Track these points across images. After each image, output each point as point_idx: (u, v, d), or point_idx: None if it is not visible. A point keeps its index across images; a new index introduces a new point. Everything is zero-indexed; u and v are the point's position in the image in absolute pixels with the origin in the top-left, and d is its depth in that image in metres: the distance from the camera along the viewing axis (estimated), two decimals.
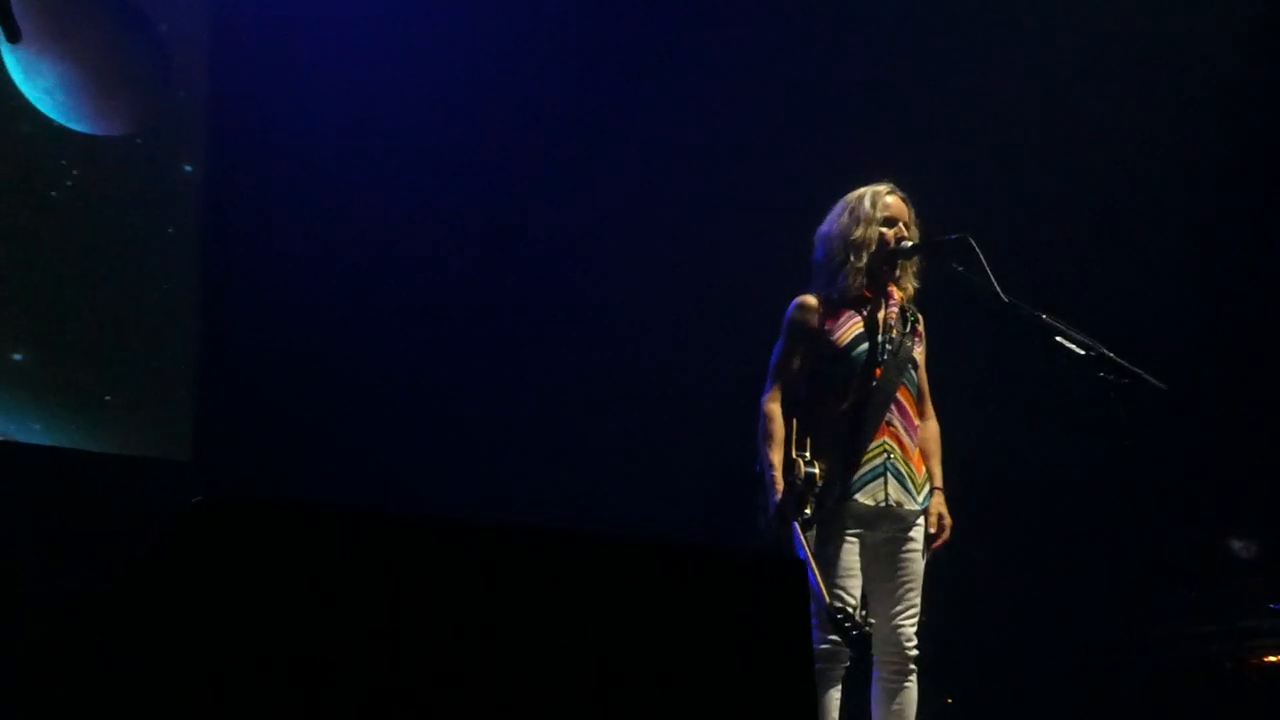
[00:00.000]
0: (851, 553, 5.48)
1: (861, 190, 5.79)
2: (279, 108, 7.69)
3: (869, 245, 5.65)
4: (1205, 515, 8.18)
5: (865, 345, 5.62)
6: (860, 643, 5.03)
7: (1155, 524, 6.21)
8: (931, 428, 5.84)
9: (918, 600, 5.60)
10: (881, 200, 5.72)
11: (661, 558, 2.84)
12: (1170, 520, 7.87)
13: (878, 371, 5.59)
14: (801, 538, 5.29)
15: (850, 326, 5.65)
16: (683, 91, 8.18)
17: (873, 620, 5.19)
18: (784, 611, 2.97)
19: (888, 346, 5.62)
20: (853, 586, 5.46)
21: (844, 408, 5.57)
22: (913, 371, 5.72)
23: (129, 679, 2.31)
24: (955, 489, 5.78)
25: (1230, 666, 7.43)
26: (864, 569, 5.53)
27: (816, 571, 5.20)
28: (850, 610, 5.09)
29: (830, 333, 5.64)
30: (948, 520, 5.69)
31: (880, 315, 5.69)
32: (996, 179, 8.15)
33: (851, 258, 5.65)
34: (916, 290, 5.81)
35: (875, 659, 5.53)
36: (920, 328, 5.81)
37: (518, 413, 7.98)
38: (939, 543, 5.67)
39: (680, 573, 2.84)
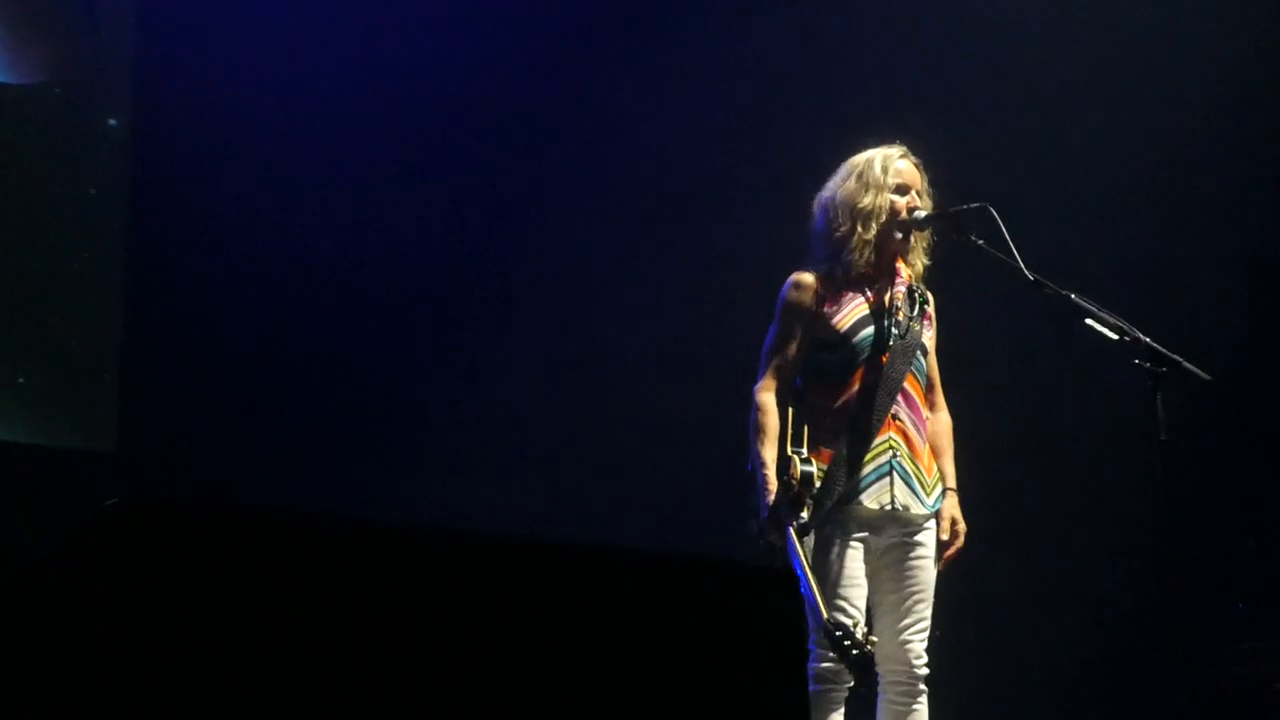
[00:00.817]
0: (855, 559, 5.43)
1: (870, 153, 5.73)
2: (216, 54, 7.55)
3: (879, 215, 5.58)
4: (1254, 520, 8.14)
5: (869, 330, 5.56)
6: (861, 664, 4.94)
7: (1198, 530, 6.18)
8: (943, 420, 5.79)
9: (928, 613, 5.55)
10: (894, 165, 5.66)
11: (644, 568, 2.90)
12: (1215, 526, 7.89)
13: (883, 359, 5.53)
14: (796, 545, 5.22)
15: (853, 308, 5.58)
16: (651, 61, 8.18)
17: (875, 638, 5.09)
18: (774, 629, 3.01)
19: (894, 331, 5.56)
20: (856, 597, 5.41)
21: (845, 399, 5.52)
22: (921, 359, 5.65)
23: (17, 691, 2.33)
24: (970, 490, 5.73)
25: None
26: (869, 577, 5.48)
27: (813, 583, 5.12)
28: (850, 627, 5.01)
29: (830, 315, 5.57)
30: (961, 525, 5.62)
31: (887, 295, 5.63)
32: (1020, 141, 8.10)
33: (859, 228, 5.57)
34: (927, 268, 5.76)
35: (881, 678, 5.48)
36: (930, 309, 5.75)
37: (468, 401, 7.92)
38: (951, 551, 5.60)
39: (663, 585, 2.89)
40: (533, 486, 7.70)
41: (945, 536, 5.58)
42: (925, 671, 5.51)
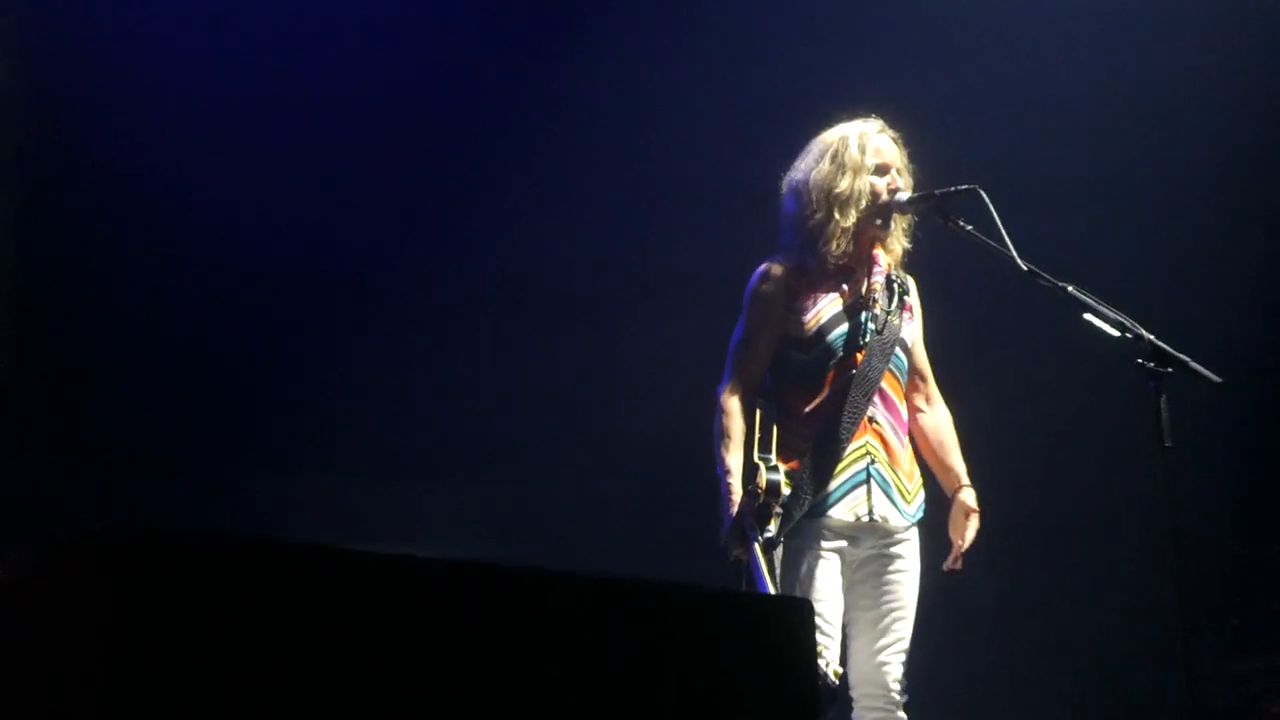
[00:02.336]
0: (829, 572, 5.42)
1: (844, 129, 5.70)
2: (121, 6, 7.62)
3: (858, 200, 5.56)
4: (1256, 529, 8.26)
5: (844, 326, 5.55)
6: (822, 696, 4.84)
7: (1196, 539, 6.23)
8: (941, 414, 5.82)
9: (908, 633, 5.55)
10: (871, 142, 5.64)
11: (653, 598, 3.01)
12: (1214, 535, 7.96)
13: (858, 357, 5.52)
14: (760, 562, 5.18)
15: (827, 304, 5.57)
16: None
17: (839, 669, 5.07)
18: (785, 656, 3.13)
19: (870, 326, 5.55)
20: (831, 613, 5.40)
21: (817, 402, 5.51)
22: (902, 355, 5.65)
23: None
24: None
25: (1278, 712, 7.50)
26: (844, 593, 5.47)
27: None
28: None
29: (802, 311, 5.56)
30: (976, 518, 5.62)
31: (863, 287, 5.61)
32: (1014, 116, 8.13)
33: (836, 215, 5.55)
34: (906, 251, 5.74)
35: (855, 701, 5.51)
36: (911, 299, 5.74)
37: (381, 386, 8.06)
38: (965, 544, 5.58)
39: (673, 615, 3.01)
40: (460, 490, 7.91)
41: (961, 518, 5.59)
42: (903, 698, 5.52)
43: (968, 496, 5.67)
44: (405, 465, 7.94)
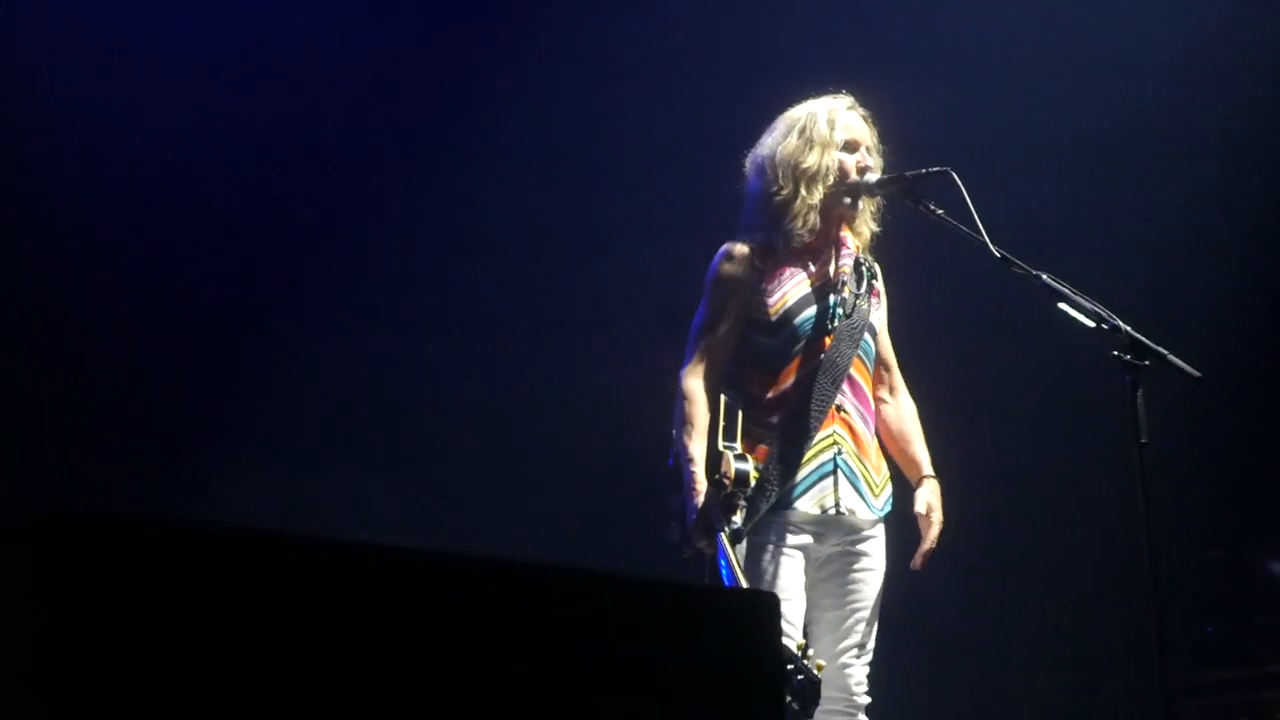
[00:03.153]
0: (792, 569, 5.44)
1: (812, 105, 5.72)
2: None
3: (825, 177, 5.57)
4: (1234, 532, 8.35)
5: (812, 309, 5.56)
6: (807, 692, 4.92)
7: (1172, 541, 6.32)
8: (905, 405, 5.86)
9: (872, 634, 5.59)
10: (840, 118, 5.65)
11: (614, 591, 3.02)
12: (1190, 537, 8.05)
13: (826, 342, 5.54)
14: (729, 554, 5.15)
15: (793, 286, 5.58)
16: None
17: (822, 662, 5.07)
18: (752, 651, 3.15)
19: (839, 310, 5.58)
20: (793, 613, 5.41)
21: (783, 388, 5.54)
22: (870, 341, 5.67)
23: None
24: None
25: None
26: (807, 590, 5.50)
27: None
28: (793, 650, 4.96)
29: (767, 293, 5.57)
30: (938, 514, 5.65)
31: (831, 269, 5.64)
32: (991, 96, 8.17)
33: (802, 192, 5.56)
34: (875, 235, 5.77)
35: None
36: (879, 284, 5.76)
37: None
38: (927, 545, 5.62)
39: (635, 607, 3.02)
40: (410, 484, 7.95)
41: (922, 510, 5.62)
42: (866, 700, 5.56)
43: (930, 489, 5.70)
44: (356, 458, 7.97)
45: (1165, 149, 8.26)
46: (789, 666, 4.90)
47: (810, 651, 5.03)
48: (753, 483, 5.36)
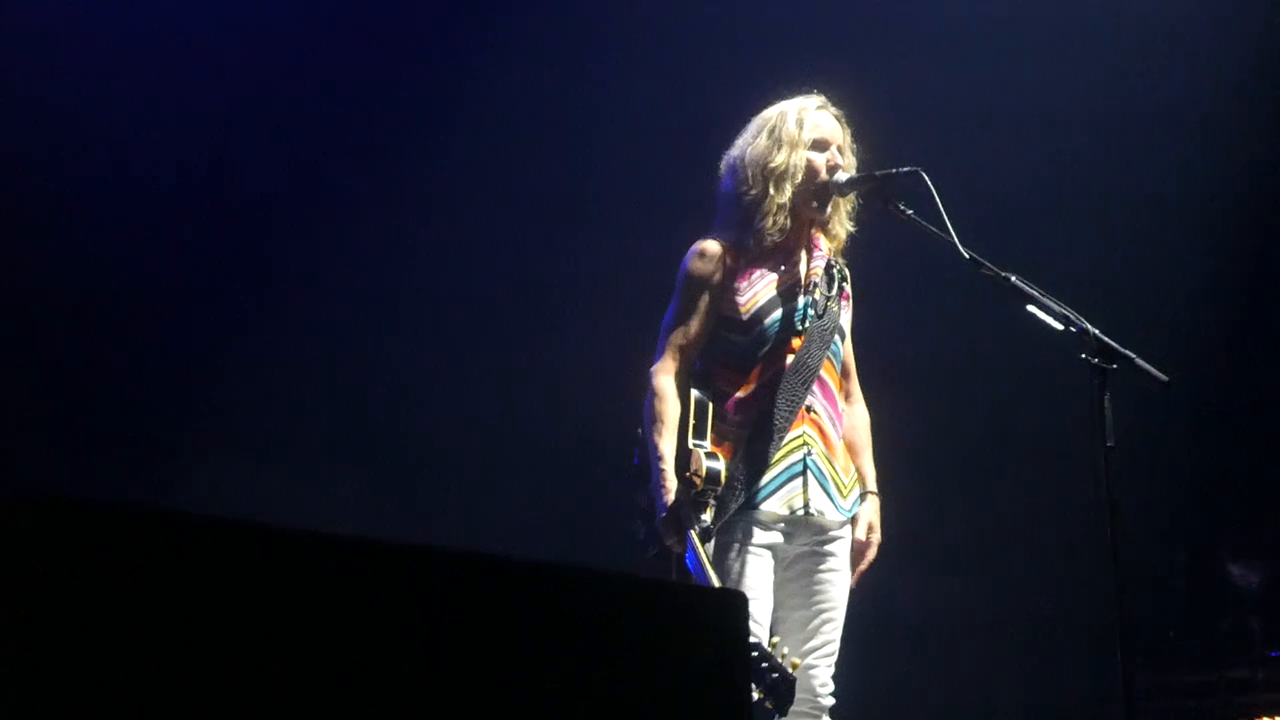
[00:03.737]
0: (760, 569, 5.52)
1: (783, 105, 5.83)
2: None
3: (793, 176, 5.67)
4: (1198, 534, 8.48)
5: (783, 309, 5.66)
6: (781, 689, 5.01)
7: (1135, 543, 6.46)
8: (859, 414, 5.95)
9: (837, 635, 5.68)
10: (810, 117, 5.76)
11: (586, 585, 3.07)
12: (1154, 539, 8.14)
13: (796, 343, 5.65)
14: (699, 553, 5.27)
15: (764, 285, 5.69)
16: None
17: (797, 660, 5.21)
18: (720, 649, 3.21)
19: (810, 311, 5.69)
20: (761, 612, 5.50)
21: (753, 388, 5.63)
22: (839, 343, 5.79)
23: None
24: (884, 498, 5.90)
25: None
26: (773, 591, 5.59)
27: None
28: (767, 648, 5.07)
29: (739, 291, 5.67)
30: (877, 535, 5.74)
31: (802, 270, 5.75)
32: (967, 97, 8.29)
33: (771, 191, 5.66)
34: (850, 235, 5.86)
35: None
36: (849, 287, 5.85)
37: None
38: (865, 564, 5.72)
39: (600, 602, 3.07)
40: (366, 477, 8.03)
41: (861, 538, 5.70)
42: (830, 701, 5.64)
43: (871, 507, 5.78)
44: (323, 451, 8.06)
45: (1129, 146, 8.39)
46: (764, 664, 5.00)
47: (785, 650, 5.14)
48: (724, 481, 5.44)
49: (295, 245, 8.18)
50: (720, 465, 5.47)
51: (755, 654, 5.05)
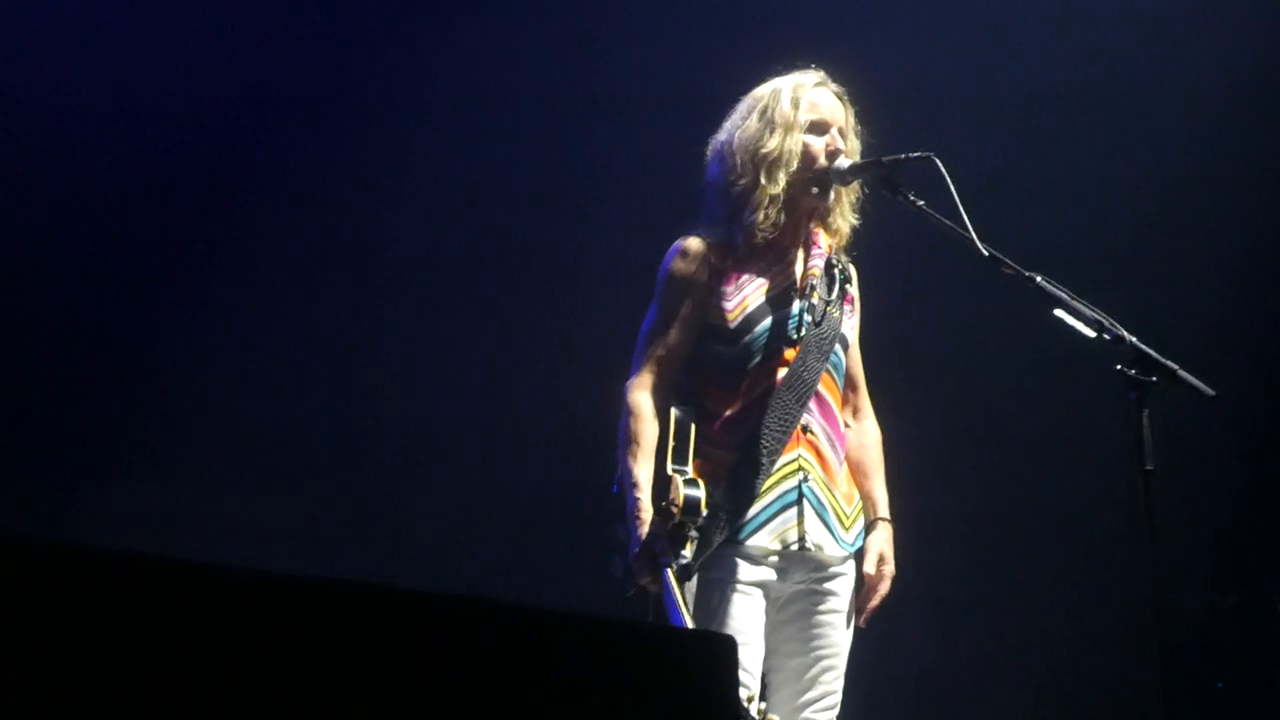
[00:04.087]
0: (748, 611, 5.26)
1: (778, 82, 5.56)
2: None
3: (788, 162, 5.40)
4: (1250, 574, 8.24)
5: (775, 316, 5.39)
6: None
7: (1178, 582, 6.15)
8: (869, 431, 5.69)
9: (839, 685, 5.43)
10: (807, 97, 5.49)
11: (558, 630, 3.03)
12: (1200, 578, 8.00)
13: (791, 354, 5.37)
14: (675, 592, 5.03)
15: (755, 289, 5.43)
16: None
17: (774, 717, 5.01)
18: (705, 698, 3.19)
19: (807, 318, 5.41)
20: (751, 659, 5.25)
21: (742, 405, 5.36)
22: (840, 353, 5.51)
23: None
24: (898, 526, 5.65)
25: None
26: (766, 635, 5.32)
27: None
28: (743, 704, 4.85)
29: (726, 296, 5.41)
30: (890, 567, 5.51)
31: (798, 270, 5.48)
32: (982, 76, 8.16)
33: (763, 180, 5.39)
34: (854, 229, 5.60)
35: None
36: (853, 289, 5.63)
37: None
38: (876, 601, 5.49)
39: (581, 648, 3.05)
40: (301, 501, 7.91)
41: (871, 571, 5.47)
42: None
43: (883, 535, 5.55)
44: (240, 474, 7.95)
45: (1163, 143, 8.25)
46: None
47: (762, 705, 4.96)
48: (704, 511, 5.19)
49: (220, 253, 8.11)
50: (700, 493, 5.22)
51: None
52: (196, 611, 2.59)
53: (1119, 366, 4.88)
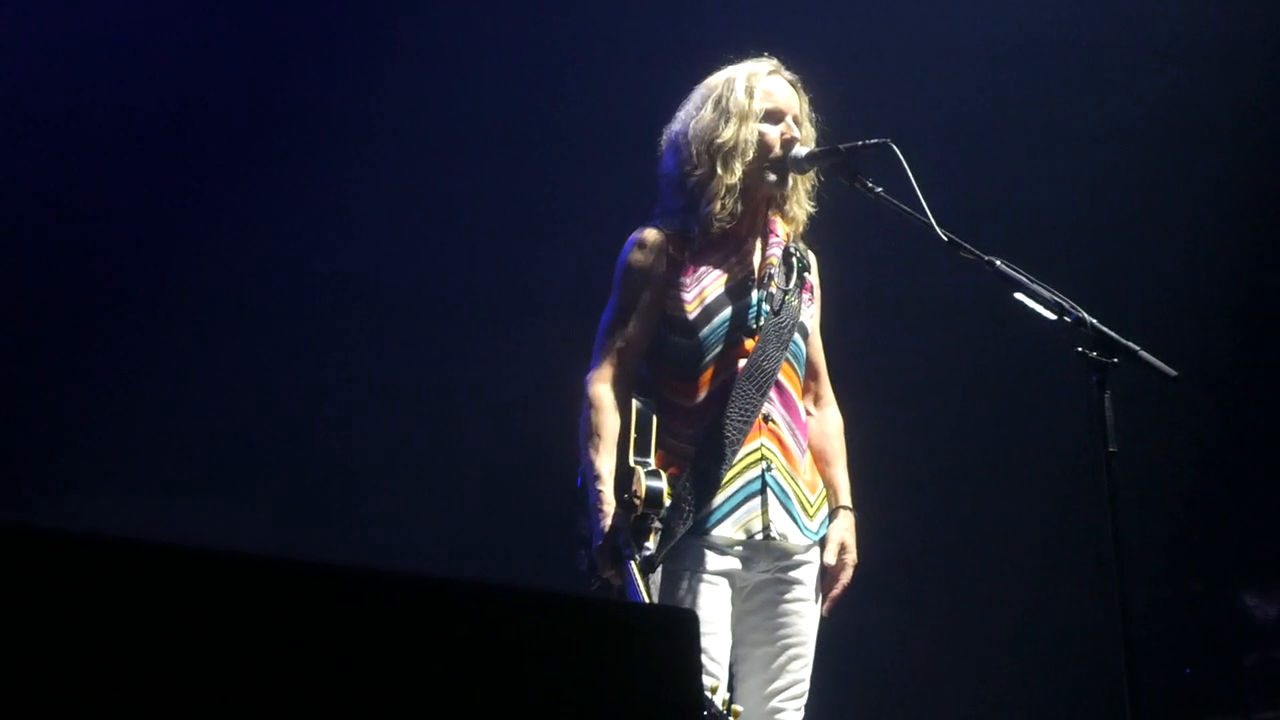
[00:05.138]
0: (715, 601, 5.27)
1: (730, 71, 5.58)
2: None
3: (743, 152, 5.42)
4: (1215, 560, 8.28)
5: (734, 307, 5.42)
6: None
7: (1143, 570, 6.24)
8: (831, 419, 5.70)
9: (807, 674, 5.44)
10: (761, 85, 5.51)
11: (532, 606, 3.03)
12: (1165, 566, 8.03)
13: (749, 343, 5.38)
14: (639, 584, 5.05)
15: (713, 280, 5.45)
16: None
17: (739, 708, 4.97)
18: (667, 674, 3.17)
19: (765, 307, 5.44)
20: (717, 648, 5.26)
21: (702, 396, 5.37)
22: (800, 342, 5.53)
23: None
24: (862, 517, 5.67)
25: None
26: (733, 624, 5.33)
27: None
28: (707, 694, 4.84)
29: (684, 287, 5.43)
30: (851, 555, 5.50)
31: (756, 260, 5.50)
32: (947, 60, 8.23)
33: (719, 170, 5.41)
34: (811, 216, 5.61)
35: None
36: (812, 276, 5.64)
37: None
38: (838, 590, 5.48)
39: (550, 624, 3.04)
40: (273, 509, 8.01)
41: (831, 561, 5.46)
42: None
43: (844, 524, 5.54)
44: (214, 482, 7.97)
45: (1126, 119, 8.37)
46: (702, 714, 4.76)
47: (726, 696, 4.94)
48: (666, 502, 5.21)
49: (190, 251, 8.14)
50: (662, 484, 5.24)
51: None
52: (176, 594, 2.58)
53: (1080, 349, 4.88)
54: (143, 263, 8.09)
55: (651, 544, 5.14)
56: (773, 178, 5.46)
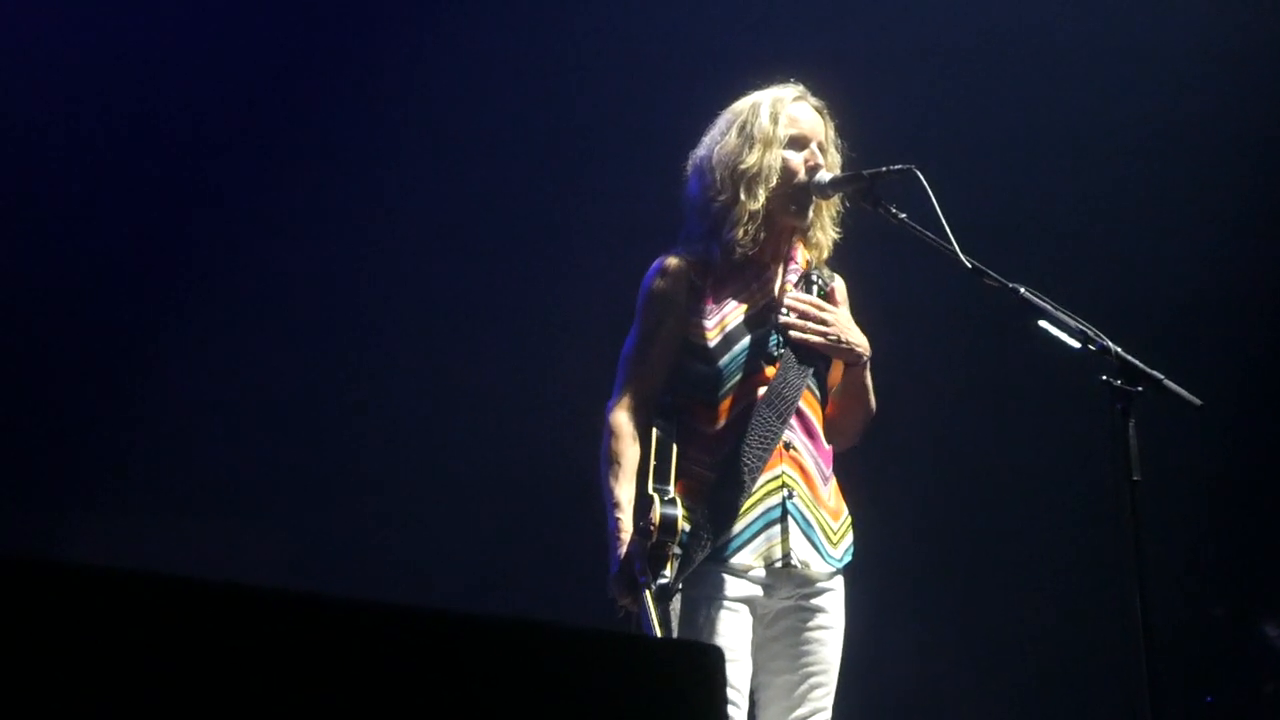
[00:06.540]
0: (735, 628, 5.27)
1: (756, 97, 5.61)
2: None
3: (767, 178, 5.44)
4: (1235, 586, 8.33)
5: (750, 336, 5.44)
6: None
7: (1165, 598, 6.28)
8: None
9: (829, 702, 5.44)
10: (786, 111, 5.53)
11: (540, 641, 2.99)
12: (1186, 591, 8.04)
13: (770, 370, 5.40)
14: (651, 612, 5.07)
15: (734, 307, 5.47)
16: None
17: None
18: (694, 709, 3.12)
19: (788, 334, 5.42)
20: (738, 676, 5.26)
21: (724, 423, 5.39)
22: (822, 369, 5.53)
23: None
24: (884, 538, 5.80)
25: None
26: (754, 651, 5.34)
27: None
28: None
29: (706, 314, 5.45)
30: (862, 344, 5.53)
31: (778, 286, 5.52)
32: (971, 86, 8.25)
33: (743, 196, 5.43)
34: (836, 242, 5.64)
35: None
36: (839, 300, 5.63)
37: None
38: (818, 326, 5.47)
39: (577, 659, 3.02)
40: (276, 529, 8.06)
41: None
42: None
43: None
44: (220, 502, 8.00)
45: (1147, 143, 8.37)
46: None
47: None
48: (682, 529, 5.20)
49: (201, 272, 8.25)
50: (677, 511, 5.22)
51: None
52: (191, 630, 2.59)
53: (1104, 377, 4.91)
54: (149, 275, 8.14)
55: (669, 572, 5.15)
56: (795, 205, 5.48)
